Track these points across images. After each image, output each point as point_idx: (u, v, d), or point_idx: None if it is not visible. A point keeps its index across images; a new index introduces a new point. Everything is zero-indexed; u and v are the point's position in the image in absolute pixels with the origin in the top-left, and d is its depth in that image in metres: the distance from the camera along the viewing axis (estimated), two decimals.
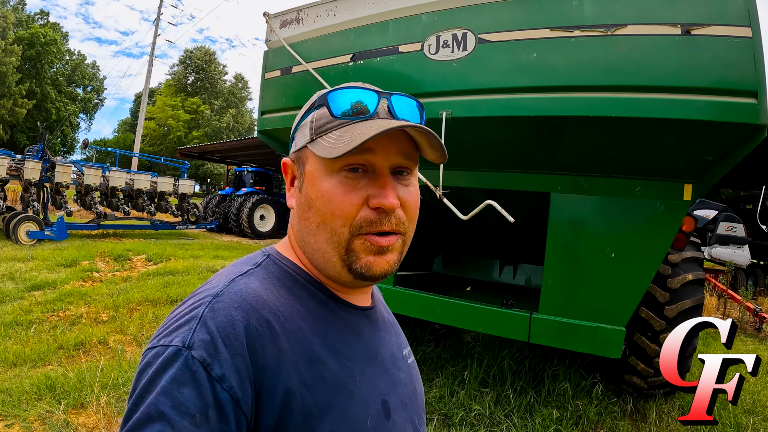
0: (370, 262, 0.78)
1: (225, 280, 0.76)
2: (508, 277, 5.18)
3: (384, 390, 0.83)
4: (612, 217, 3.30)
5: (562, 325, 3.41)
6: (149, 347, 0.69)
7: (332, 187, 0.76)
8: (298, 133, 0.84)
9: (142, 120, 30.77)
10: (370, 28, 3.51)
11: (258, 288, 0.75)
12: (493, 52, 3.04)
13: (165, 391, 0.62)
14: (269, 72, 4.13)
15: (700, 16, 2.60)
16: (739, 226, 10.58)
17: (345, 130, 0.76)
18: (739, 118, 2.57)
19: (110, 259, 9.98)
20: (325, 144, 0.76)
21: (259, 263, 0.83)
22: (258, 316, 0.71)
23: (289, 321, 0.74)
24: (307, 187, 0.80)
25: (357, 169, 0.77)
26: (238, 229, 17.72)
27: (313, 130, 0.80)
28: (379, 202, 0.76)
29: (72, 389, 3.72)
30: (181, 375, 0.63)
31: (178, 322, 0.69)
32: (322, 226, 0.78)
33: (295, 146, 0.85)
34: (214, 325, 0.67)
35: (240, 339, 0.67)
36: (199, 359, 0.64)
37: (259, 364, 0.68)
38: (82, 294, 6.93)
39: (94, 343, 5.05)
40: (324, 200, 0.77)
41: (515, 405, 4.02)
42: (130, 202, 14.91)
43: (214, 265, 10.25)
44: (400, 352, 0.95)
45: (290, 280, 0.82)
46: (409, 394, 0.91)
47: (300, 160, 0.83)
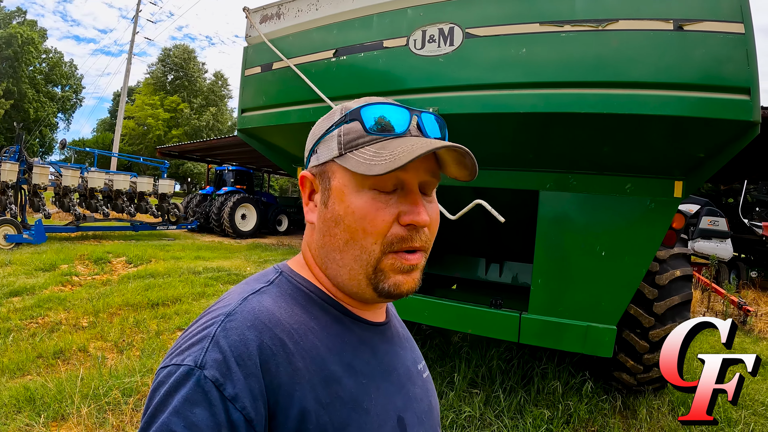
0: (399, 281, 0.78)
1: (237, 298, 0.75)
2: (494, 275, 5.13)
3: (400, 406, 0.83)
4: (602, 214, 3.25)
5: (552, 324, 3.37)
6: (162, 366, 0.69)
7: (364, 204, 0.76)
8: (322, 146, 0.82)
9: (121, 119, 30.37)
10: (353, 22, 3.41)
11: (271, 306, 0.75)
12: (481, 47, 2.96)
13: (177, 412, 0.62)
14: (249, 68, 4.02)
15: (693, 12, 2.55)
16: (722, 220, 10.69)
17: (380, 146, 0.76)
18: (732, 115, 2.54)
19: (90, 262, 9.82)
20: (360, 159, 0.75)
21: (272, 281, 0.82)
22: (271, 335, 0.70)
23: (304, 339, 0.74)
24: (335, 203, 0.79)
25: (388, 187, 0.77)
26: (220, 228, 17.64)
27: (342, 145, 0.78)
28: (412, 219, 0.76)
29: (52, 401, 3.61)
30: (194, 395, 0.63)
31: (191, 341, 0.69)
32: (350, 242, 0.77)
33: (316, 160, 0.83)
34: (227, 345, 0.67)
35: (253, 358, 0.67)
36: (212, 379, 0.64)
37: (273, 384, 0.67)
38: (61, 299, 6.79)
39: (74, 350, 4.92)
40: (355, 217, 0.76)
41: (505, 405, 3.98)
42: (110, 203, 14.72)
43: (195, 266, 10.12)
44: (415, 367, 0.94)
45: (304, 298, 0.81)
46: (425, 409, 0.90)
47: (324, 175, 0.81)
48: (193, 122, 46.43)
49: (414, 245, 0.78)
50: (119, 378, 4.00)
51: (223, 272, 9.90)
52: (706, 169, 3.04)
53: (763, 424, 4.05)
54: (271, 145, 4.27)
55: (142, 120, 44.21)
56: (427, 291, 4.79)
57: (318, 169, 0.82)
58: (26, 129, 39.96)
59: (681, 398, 4.38)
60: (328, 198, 0.80)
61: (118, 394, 3.73)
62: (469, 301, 3.75)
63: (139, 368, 4.28)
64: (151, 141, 43.03)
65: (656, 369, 4.04)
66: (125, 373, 4.16)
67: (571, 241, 3.33)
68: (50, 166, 13.72)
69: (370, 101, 0.80)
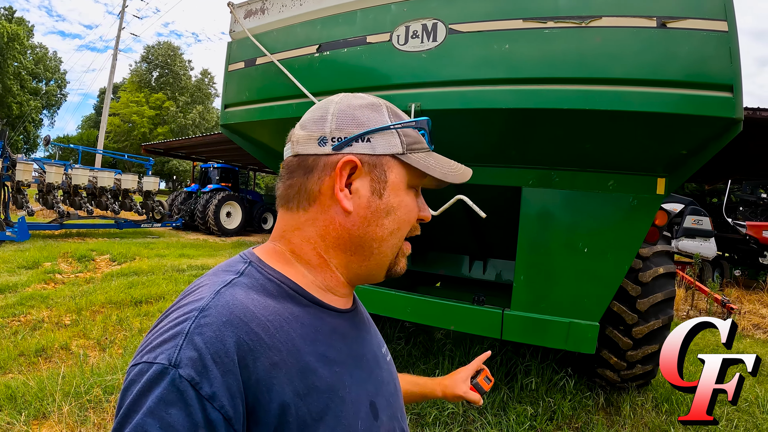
0: (403, 264, 0.92)
1: (209, 292, 0.73)
2: (478, 273, 5.14)
3: (371, 391, 0.85)
4: (585, 211, 3.25)
5: (535, 321, 3.37)
6: (133, 363, 0.67)
7: (411, 200, 0.88)
8: (378, 137, 0.83)
9: (106, 116, 30.08)
10: (337, 18, 3.39)
11: (244, 299, 0.73)
12: (464, 42, 2.95)
13: (152, 412, 0.60)
14: (233, 64, 3.98)
15: (676, 9, 2.56)
16: (706, 220, 10.79)
17: (429, 155, 0.89)
18: (715, 112, 2.55)
19: (73, 260, 9.72)
20: (429, 165, 0.87)
21: (242, 271, 0.80)
22: (248, 330, 0.69)
23: (279, 331, 0.73)
24: (390, 195, 0.84)
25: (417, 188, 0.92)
26: (205, 226, 17.57)
27: (405, 145, 0.85)
28: (425, 216, 0.92)
29: (33, 399, 3.56)
30: (169, 395, 0.61)
31: (162, 337, 0.67)
32: (396, 232, 0.86)
33: (371, 149, 0.83)
34: (202, 342, 0.65)
35: (230, 355, 0.65)
36: (188, 378, 0.62)
37: (251, 380, 0.66)
38: (44, 297, 6.71)
39: (56, 348, 4.86)
40: (405, 210, 0.87)
41: (488, 402, 3.98)
42: (94, 200, 14.57)
43: (179, 264, 10.06)
44: (380, 351, 0.97)
45: (275, 288, 0.79)
46: (392, 392, 0.93)
47: (380, 166, 0.84)
48: (179, 120, 46.04)
49: (417, 234, 0.92)
50: (101, 376, 3.96)
51: (207, 270, 9.81)
52: (689, 166, 3.05)
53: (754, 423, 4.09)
54: (255, 141, 4.24)
55: (127, 117, 43.80)
56: (411, 288, 4.78)
57: (373, 159, 0.83)
58: (10, 125, 39.45)
59: (664, 395, 4.42)
60: (383, 189, 0.84)
61: (100, 392, 3.68)
62: (453, 298, 3.74)
63: (122, 366, 4.24)
64: (136, 138, 42.67)
65: (639, 366, 4.07)
66: (107, 370, 4.11)
67: (554, 237, 3.33)
68: (34, 162, 13.56)
69: (424, 117, 0.94)
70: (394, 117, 0.86)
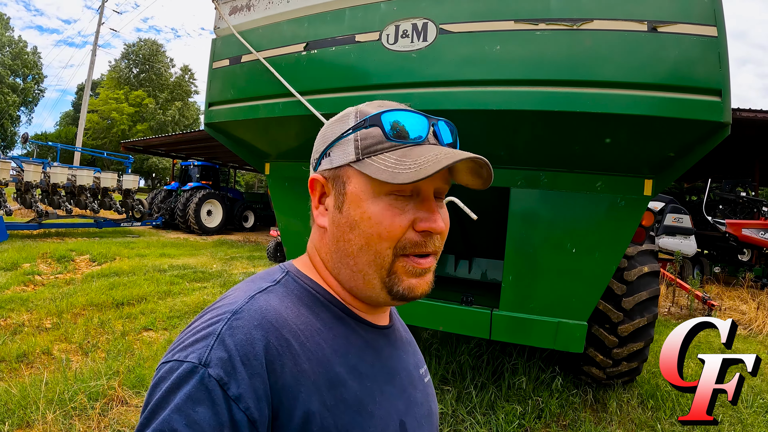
0: (413, 284, 0.79)
1: (244, 296, 0.74)
2: (463, 272, 5.14)
3: (402, 410, 0.82)
4: (573, 212, 3.27)
5: (523, 321, 3.38)
6: (163, 361, 0.68)
7: (381, 210, 0.76)
8: (336, 150, 0.81)
9: (85, 113, 29.61)
10: (325, 16, 3.35)
11: (278, 306, 0.74)
12: (455, 43, 2.94)
13: (179, 409, 0.61)
14: (217, 61, 3.91)
15: (666, 14, 2.58)
16: (686, 218, 10.95)
17: (402, 153, 0.76)
18: (703, 116, 2.57)
19: (53, 261, 9.55)
20: (381, 166, 0.75)
21: (279, 280, 0.81)
22: (278, 335, 0.70)
23: (310, 340, 0.73)
24: (350, 208, 0.78)
25: (406, 193, 0.77)
26: (185, 225, 17.44)
27: (360, 150, 0.78)
28: (428, 226, 0.77)
29: (16, 407, 3.48)
30: (197, 393, 0.62)
31: (195, 337, 0.68)
32: (365, 248, 0.77)
33: (330, 163, 0.82)
34: (233, 343, 0.66)
35: (259, 358, 0.66)
36: (216, 378, 0.63)
37: (278, 385, 0.67)
38: (23, 300, 6.57)
39: (38, 353, 4.75)
40: (371, 222, 0.76)
41: (477, 402, 3.99)
42: (73, 199, 14.36)
43: (160, 264, 9.95)
44: (417, 372, 0.94)
45: (310, 299, 0.80)
46: (425, 413, 0.90)
47: (338, 179, 0.80)
48: (159, 117, 45.43)
49: (427, 250, 0.79)
50: (85, 381, 3.88)
51: (188, 270, 9.74)
52: (676, 168, 3.08)
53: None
54: (239, 140, 4.18)
55: (106, 114, 43.00)
56: None
57: (331, 172, 0.81)
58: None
59: (650, 391, 4.48)
60: (342, 203, 0.79)
61: (84, 399, 3.61)
62: (439, 298, 3.73)
63: (105, 371, 4.16)
64: (115, 135, 41.92)
65: (625, 363, 4.12)
66: (91, 376, 4.03)
67: (542, 237, 3.34)
68: (11, 160, 13.31)
69: (387, 107, 0.80)
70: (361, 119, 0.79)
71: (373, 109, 0.80)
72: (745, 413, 4.22)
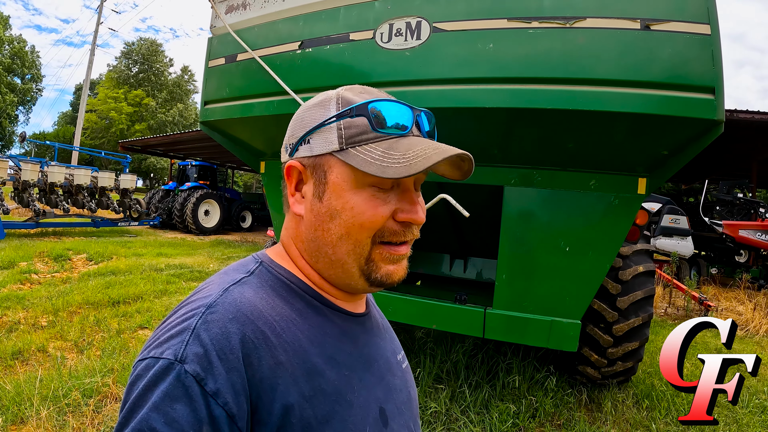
0: (390, 271, 0.80)
1: (218, 289, 0.73)
2: (458, 271, 5.15)
3: (381, 397, 0.82)
4: (566, 210, 3.27)
5: (516, 319, 3.38)
6: (139, 359, 0.67)
7: (363, 201, 0.76)
8: (317, 137, 0.78)
9: (83, 112, 29.57)
10: (319, 14, 3.36)
11: (253, 298, 0.73)
12: (448, 41, 2.94)
13: (157, 407, 0.60)
14: (213, 60, 3.92)
15: (660, 12, 2.59)
16: (683, 219, 10.95)
17: (388, 145, 0.75)
18: (696, 114, 2.58)
19: (49, 260, 9.53)
20: (367, 158, 0.74)
21: (252, 271, 0.80)
22: (254, 328, 0.69)
23: (286, 331, 0.72)
24: (331, 198, 0.77)
25: (388, 185, 0.77)
26: (182, 225, 17.41)
27: (344, 139, 0.76)
28: (410, 218, 0.78)
29: (10, 403, 3.47)
30: (174, 390, 0.61)
31: (170, 333, 0.67)
32: (345, 237, 0.77)
33: (309, 150, 0.79)
34: (208, 338, 0.65)
35: (235, 352, 0.65)
36: (193, 374, 0.62)
37: (256, 378, 0.66)
38: (19, 298, 6.55)
39: (33, 351, 4.74)
40: (353, 213, 0.76)
41: (471, 401, 3.99)
42: (70, 198, 14.33)
43: (157, 263, 9.94)
44: (395, 358, 0.95)
45: (284, 289, 0.79)
46: (404, 399, 0.90)
47: (319, 167, 0.79)
48: (159, 116, 45.36)
49: (405, 239, 0.80)
50: (79, 379, 3.88)
51: (185, 269, 9.73)
52: (670, 166, 3.09)
53: None
54: (234, 139, 4.19)
55: (104, 113, 42.94)
56: (390, 287, 4.76)
57: (311, 160, 0.79)
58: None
59: (645, 391, 4.47)
60: (323, 192, 0.78)
61: (78, 396, 3.61)
62: (433, 297, 3.74)
63: (100, 368, 4.16)
64: (113, 135, 41.85)
65: (620, 362, 4.12)
66: (85, 373, 4.03)
67: (536, 236, 3.35)
68: (9, 159, 13.26)
69: (371, 95, 0.80)
70: (345, 107, 0.77)
71: (356, 95, 0.79)
72: (741, 413, 4.22)
